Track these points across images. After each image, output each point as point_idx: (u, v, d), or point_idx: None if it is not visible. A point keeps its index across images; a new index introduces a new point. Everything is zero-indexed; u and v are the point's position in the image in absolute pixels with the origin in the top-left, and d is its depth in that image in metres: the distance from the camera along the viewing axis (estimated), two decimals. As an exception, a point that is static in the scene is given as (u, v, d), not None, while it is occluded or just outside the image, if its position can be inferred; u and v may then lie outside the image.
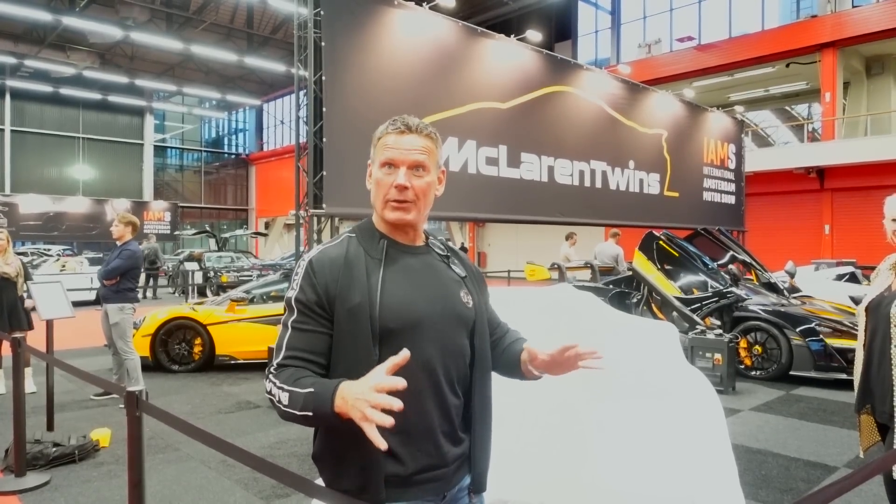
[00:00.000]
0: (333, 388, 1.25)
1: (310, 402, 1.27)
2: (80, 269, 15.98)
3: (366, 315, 1.36)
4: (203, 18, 25.83)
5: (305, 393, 1.28)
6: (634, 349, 2.72)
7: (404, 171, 1.45)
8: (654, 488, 2.41)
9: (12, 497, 3.84)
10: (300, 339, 1.39)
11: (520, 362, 1.61)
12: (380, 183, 1.47)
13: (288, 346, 1.39)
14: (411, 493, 1.40)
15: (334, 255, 1.44)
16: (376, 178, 1.48)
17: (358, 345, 1.36)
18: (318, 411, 1.26)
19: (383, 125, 1.51)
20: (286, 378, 1.34)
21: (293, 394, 1.30)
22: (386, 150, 1.46)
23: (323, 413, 1.25)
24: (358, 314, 1.36)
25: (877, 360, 2.52)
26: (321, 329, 1.39)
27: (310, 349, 1.38)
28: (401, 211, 1.46)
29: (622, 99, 10.80)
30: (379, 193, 1.47)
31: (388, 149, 1.46)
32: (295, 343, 1.39)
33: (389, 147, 1.46)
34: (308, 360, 1.38)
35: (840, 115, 19.63)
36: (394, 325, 1.38)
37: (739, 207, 14.40)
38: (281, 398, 1.32)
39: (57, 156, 33.19)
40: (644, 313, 8.13)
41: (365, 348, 1.36)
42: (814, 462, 4.50)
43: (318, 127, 6.49)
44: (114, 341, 6.07)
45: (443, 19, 8.00)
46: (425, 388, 1.41)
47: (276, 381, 1.35)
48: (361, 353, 1.36)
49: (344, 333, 1.38)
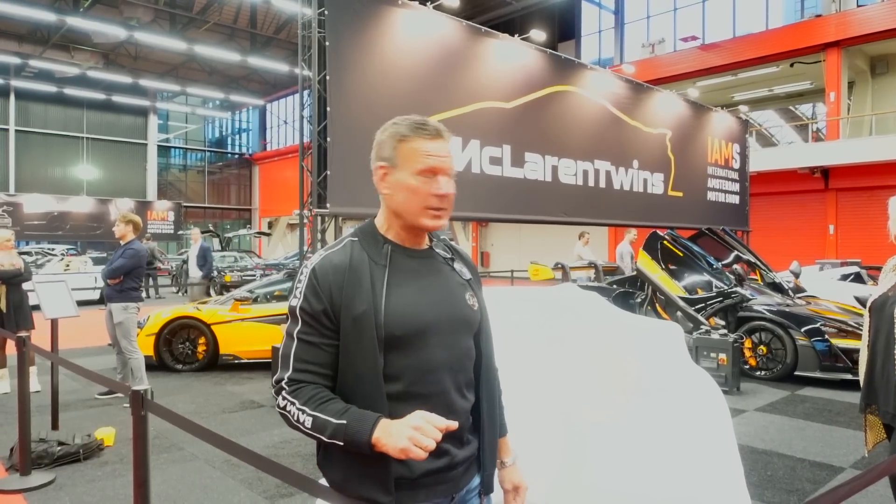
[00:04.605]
0: (373, 423, 1.27)
1: (340, 433, 1.28)
2: (84, 269, 16.03)
3: (371, 323, 1.35)
4: (207, 18, 25.86)
5: (337, 424, 1.29)
6: (639, 349, 2.71)
7: (445, 179, 1.44)
8: (660, 489, 2.39)
9: (17, 496, 3.84)
10: (308, 352, 1.37)
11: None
12: (418, 191, 1.42)
13: (296, 359, 1.37)
14: (420, 495, 1.39)
15: (337, 262, 1.41)
16: (412, 186, 1.42)
17: (364, 353, 1.35)
18: (350, 442, 1.28)
19: (401, 125, 1.46)
20: (307, 400, 1.33)
21: (319, 420, 1.31)
22: (426, 157, 1.42)
23: (356, 444, 1.28)
24: (363, 322, 1.35)
25: (880, 360, 2.52)
26: (328, 341, 1.38)
27: (318, 362, 1.38)
28: (439, 219, 1.45)
29: (626, 98, 10.78)
30: (415, 201, 1.43)
31: (428, 156, 1.42)
32: (303, 356, 1.37)
33: (429, 154, 1.43)
34: (318, 374, 1.37)
35: (845, 115, 19.56)
36: (400, 331, 1.37)
37: (744, 207, 14.35)
38: (303, 421, 1.32)
39: (61, 156, 33.29)
40: (648, 313, 8.11)
41: (371, 356, 1.35)
42: (819, 462, 4.48)
43: (322, 126, 6.49)
44: (118, 340, 6.08)
45: (447, 19, 7.99)
46: (433, 393, 1.40)
47: (293, 400, 1.34)
48: (367, 362, 1.35)
49: (350, 342, 1.37)
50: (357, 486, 1.36)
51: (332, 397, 1.35)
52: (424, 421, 1.25)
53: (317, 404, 1.32)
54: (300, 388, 1.35)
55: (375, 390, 1.35)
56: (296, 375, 1.36)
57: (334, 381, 1.39)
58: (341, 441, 1.29)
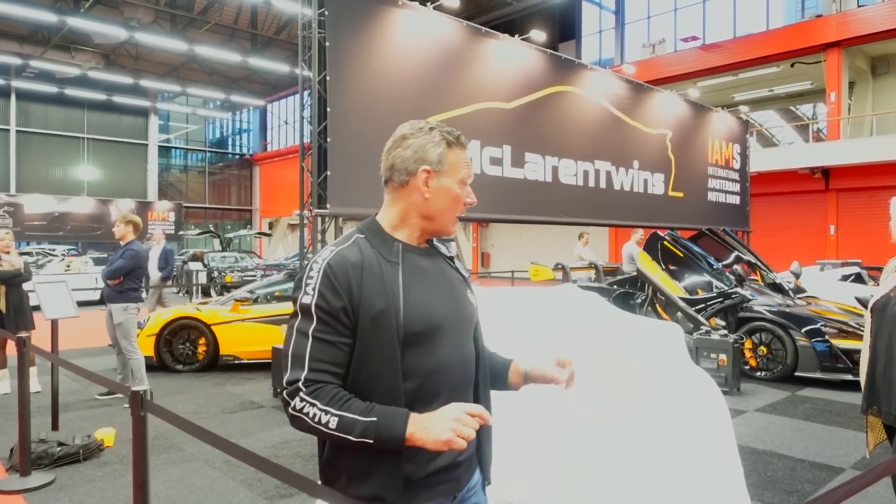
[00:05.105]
0: (405, 418, 1.28)
1: (371, 430, 1.27)
2: (85, 269, 16.04)
3: (391, 321, 1.34)
4: (207, 19, 25.87)
5: (367, 422, 1.27)
6: (639, 350, 2.71)
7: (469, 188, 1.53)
8: (660, 489, 2.39)
9: (17, 496, 3.84)
10: (325, 351, 1.33)
11: (506, 373, 1.66)
12: (459, 199, 1.50)
13: (312, 358, 1.32)
14: (424, 495, 1.39)
15: (353, 259, 1.37)
16: (455, 193, 1.49)
17: (382, 351, 1.34)
18: (382, 439, 1.27)
19: (445, 132, 1.49)
20: (330, 400, 1.30)
21: (346, 419, 1.28)
22: (468, 167, 1.51)
23: (388, 440, 1.27)
24: (383, 320, 1.33)
25: (883, 360, 2.51)
26: (344, 339, 1.34)
27: (336, 362, 1.34)
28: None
29: (626, 99, 10.78)
30: (453, 208, 1.50)
31: (467, 166, 1.51)
32: (320, 355, 1.32)
33: (468, 163, 1.52)
34: (335, 374, 1.34)
35: (845, 115, 19.55)
36: (419, 328, 1.37)
37: (744, 208, 14.35)
38: (326, 422, 1.28)
39: (62, 156, 33.31)
40: (648, 314, 8.11)
41: (390, 354, 1.34)
42: (820, 463, 4.48)
43: (323, 127, 6.49)
44: (118, 341, 6.09)
45: (447, 19, 7.99)
46: (444, 390, 1.40)
47: (313, 401, 1.30)
48: (386, 360, 1.34)
49: (368, 340, 1.34)
50: (364, 486, 1.35)
51: (351, 396, 1.32)
52: (463, 412, 1.28)
53: (341, 404, 1.29)
54: (320, 389, 1.30)
55: (393, 388, 1.34)
56: (313, 376, 1.31)
57: (346, 380, 1.36)
58: (372, 439, 1.27)
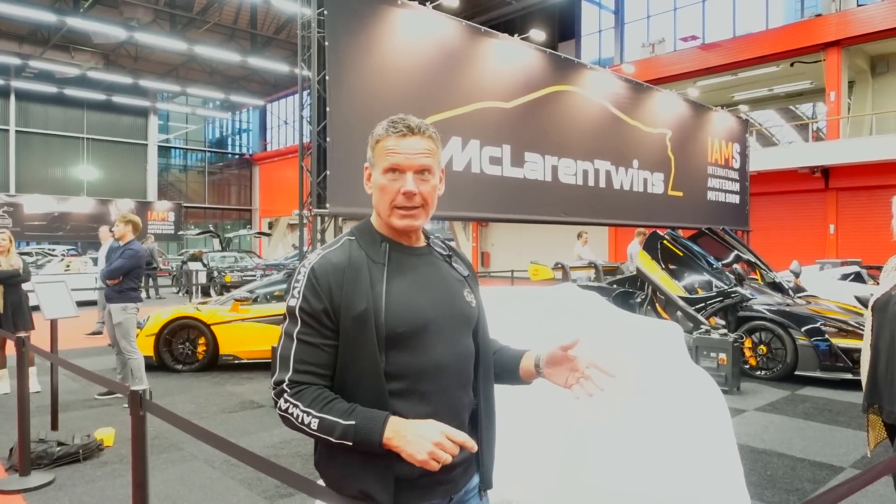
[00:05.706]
0: (382, 421, 1.28)
1: (350, 433, 1.28)
2: (84, 269, 16.03)
3: (371, 322, 1.34)
4: (207, 19, 25.86)
5: (346, 425, 1.28)
6: (639, 349, 2.71)
7: (411, 176, 1.40)
8: (660, 489, 2.39)
9: (17, 496, 3.84)
10: (309, 353, 1.36)
11: (517, 366, 1.61)
12: (385, 189, 1.42)
13: (297, 360, 1.35)
14: (416, 495, 1.38)
15: (336, 261, 1.39)
16: (380, 184, 1.43)
17: (365, 352, 1.34)
18: (360, 442, 1.28)
19: (381, 126, 1.45)
20: (311, 401, 1.32)
21: (326, 421, 1.30)
22: (389, 154, 1.41)
23: (366, 444, 1.28)
24: (364, 321, 1.34)
25: (884, 359, 2.51)
26: (328, 341, 1.37)
27: (319, 363, 1.36)
28: (409, 218, 1.42)
29: (626, 98, 10.78)
30: (384, 199, 1.42)
31: (391, 153, 1.41)
32: (304, 356, 1.36)
33: (393, 151, 1.41)
34: (319, 375, 1.36)
35: (845, 115, 19.55)
36: (401, 329, 1.36)
37: (744, 207, 14.36)
38: (308, 423, 1.31)
39: (61, 156, 33.30)
40: (648, 313, 8.11)
41: (372, 355, 1.34)
42: (820, 462, 4.48)
43: (322, 127, 6.49)
44: (117, 341, 6.08)
45: (446, 19, 7.99)
46: (435, 391, 1.39)
47: (296, 403, 1.33)
48: (369, 360, 1.34)
49: (350, 341, 1.35)
50: (356, 483, 1.36)
51: (334, 397, 1.34)
52: (444, 437, 1.25)
53: (321, 405, 1.31)
54: (302, 390, 1.34)
55: (377, 389, 1.34)
56: (297, 377, 1.35)
57: (333, 380, 1.38)
58: (350, 441, 1.29)
